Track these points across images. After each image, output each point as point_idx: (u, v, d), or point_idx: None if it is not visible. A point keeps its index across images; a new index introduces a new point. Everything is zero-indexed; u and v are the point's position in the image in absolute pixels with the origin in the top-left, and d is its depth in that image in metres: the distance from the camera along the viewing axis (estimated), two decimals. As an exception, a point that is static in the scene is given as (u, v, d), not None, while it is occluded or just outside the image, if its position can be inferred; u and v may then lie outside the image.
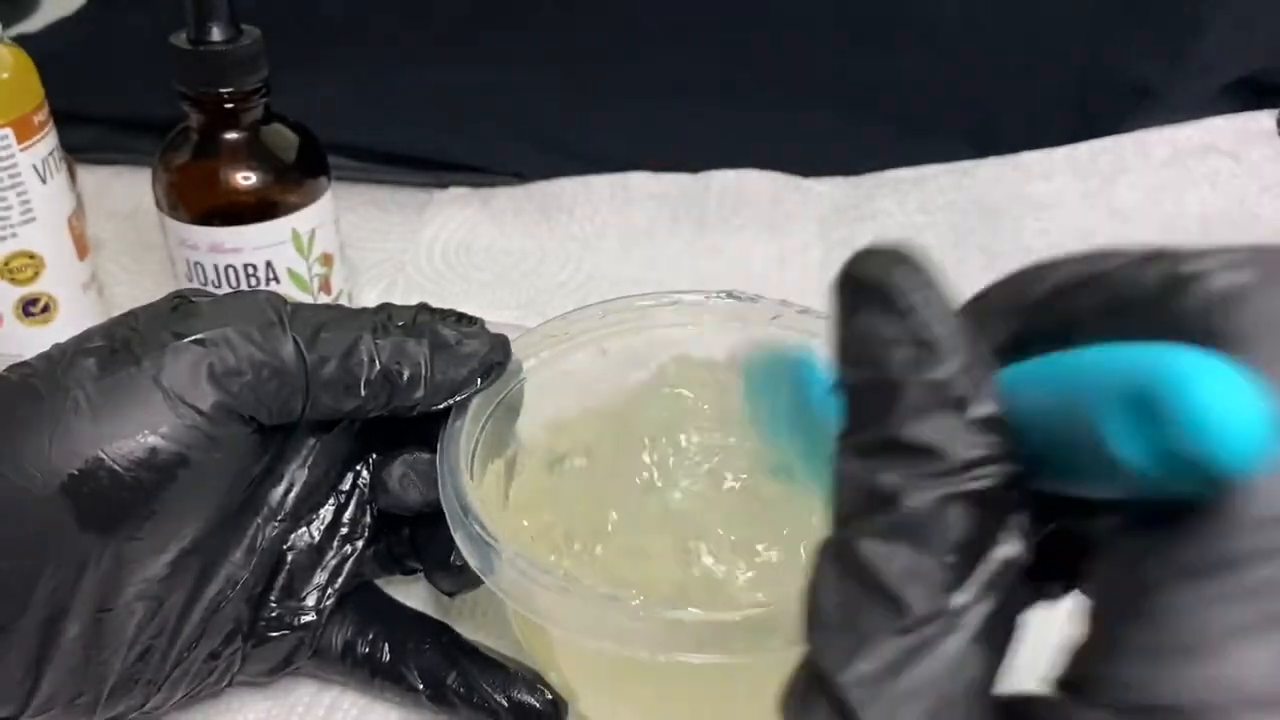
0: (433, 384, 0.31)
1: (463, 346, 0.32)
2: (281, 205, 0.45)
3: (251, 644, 0.33)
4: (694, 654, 0.27)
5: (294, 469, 0.33)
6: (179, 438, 0.28)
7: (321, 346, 0.30)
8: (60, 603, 0.28)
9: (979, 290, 0.21)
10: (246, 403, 0.29)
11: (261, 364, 0.29)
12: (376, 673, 0.34)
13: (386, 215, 0.63)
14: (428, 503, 0.33)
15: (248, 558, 0.32)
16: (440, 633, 0.35)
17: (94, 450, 0.28)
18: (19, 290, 0.44)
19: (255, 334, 0.29)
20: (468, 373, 0.32)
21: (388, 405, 0.31)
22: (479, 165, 0.65)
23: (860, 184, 0.64)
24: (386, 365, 0.31)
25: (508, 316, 0.53)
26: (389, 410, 0.31)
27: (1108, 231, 0.59)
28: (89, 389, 0.28)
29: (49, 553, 0.28)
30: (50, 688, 0.29)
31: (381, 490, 0.34)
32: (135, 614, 0.29)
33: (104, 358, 0.29)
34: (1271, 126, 0.65)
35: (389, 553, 0.36)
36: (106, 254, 0.59)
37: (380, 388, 0.31)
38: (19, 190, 0.43)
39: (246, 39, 0.43)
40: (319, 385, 0.30)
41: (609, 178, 0.64)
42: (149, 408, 0.28)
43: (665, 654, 0.27)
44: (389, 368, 0.31)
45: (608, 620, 0.27)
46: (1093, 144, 0.64)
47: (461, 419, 0.32)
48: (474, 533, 0.29)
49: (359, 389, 0.30)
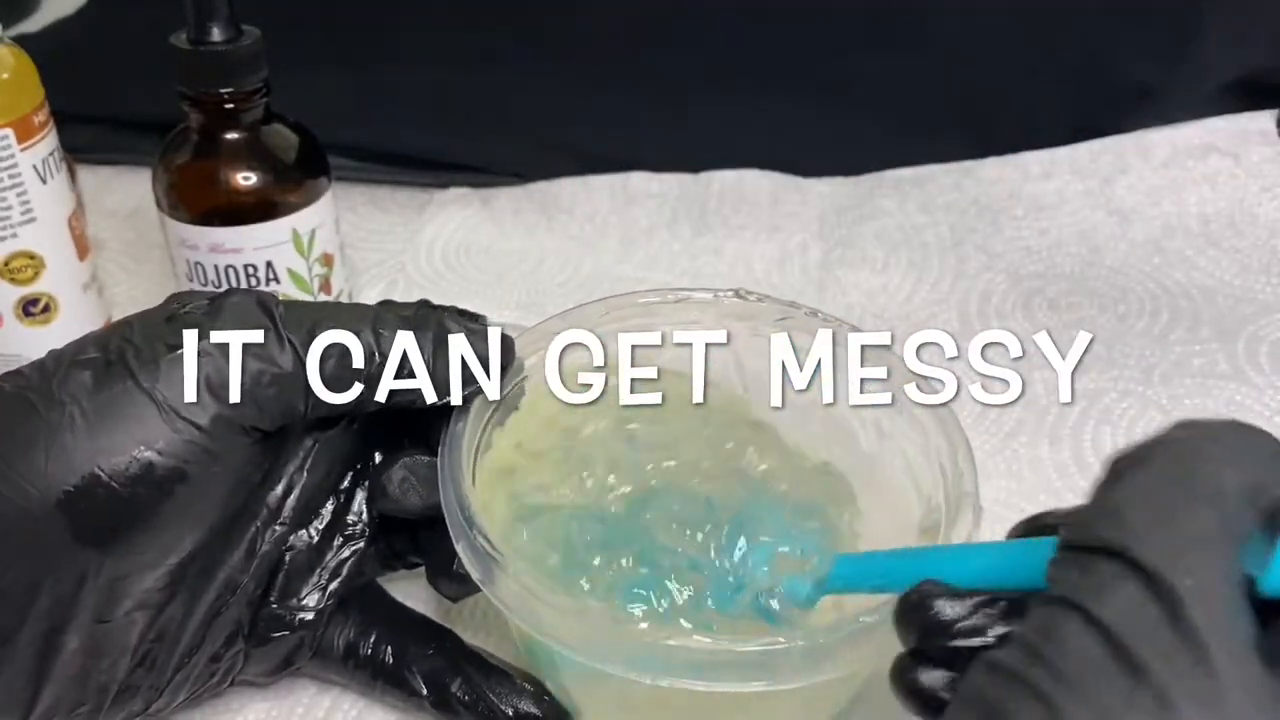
0: (435, 378, 0.31)
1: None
2: (281, 205, 0.45)
3: (252, 644, 0.33)
4: (699, 683, 0.27)
5: (293, 471, 0.33)
6: (176, 452, 0.28)
7: (318, 344, 0.30)
8: (59, 615, 0.28)
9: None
10: (247, 413, 0.29)
11: (259, 371, 0.29)
12: (378, 676, 0.34)
13: (386, 215, 0.63)
14: (428, 507, 0.32)
15: (247, 561, 0.32)
16: (444, 638, 0.34)
17: (90, 466, 0.27)
18: (19, 290, 0.44)
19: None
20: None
21: (389, 399, 0.31)
22: (479, 165, 0.65)
23: (860, 184, 0.64)
24: (388, 358, 0.30)
25: (507, 316, 0.53)
26: (390, 404, 0.31)
27: (1108, 231, 0.59)
28: (84, 404, 0.28)
29: (47, 567, 0.28)
30: (51, 697, 0.28)
31: (381, 494, 0.33)
32: (136, 624, 0.29)
33: (99, 370, 0.28)
34: (1271, 126, 0.65)
35: (390, 549, 0.35)
36: (106, 254, 0.59)
37: (381, 381, 0.30)
38: (19, 190, 0.43)
39: (246, 39, 0.43)
40: (319, 383, 0.30)
41: (609, 178, 0.64)
42: (144, 423, 0.28)
43: (669, 681, 0.27)
44: (390, 361, 0.30)
45: (612, 642, 0.27)
46: (1093, 144, 0.64)
47: (463, 421, 0.32)
48: (477, 545, 0.29)
49: (359, 383, 0.30)
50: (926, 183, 0.64)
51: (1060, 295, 0.55)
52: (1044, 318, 0.54)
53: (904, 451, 0.34)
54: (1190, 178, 0.62)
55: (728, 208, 0.63)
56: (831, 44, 0.73)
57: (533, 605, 0.28)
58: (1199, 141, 0.64)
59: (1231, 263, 0.57)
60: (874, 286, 0.57)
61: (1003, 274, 0.57)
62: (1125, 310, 0.54)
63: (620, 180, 0.64)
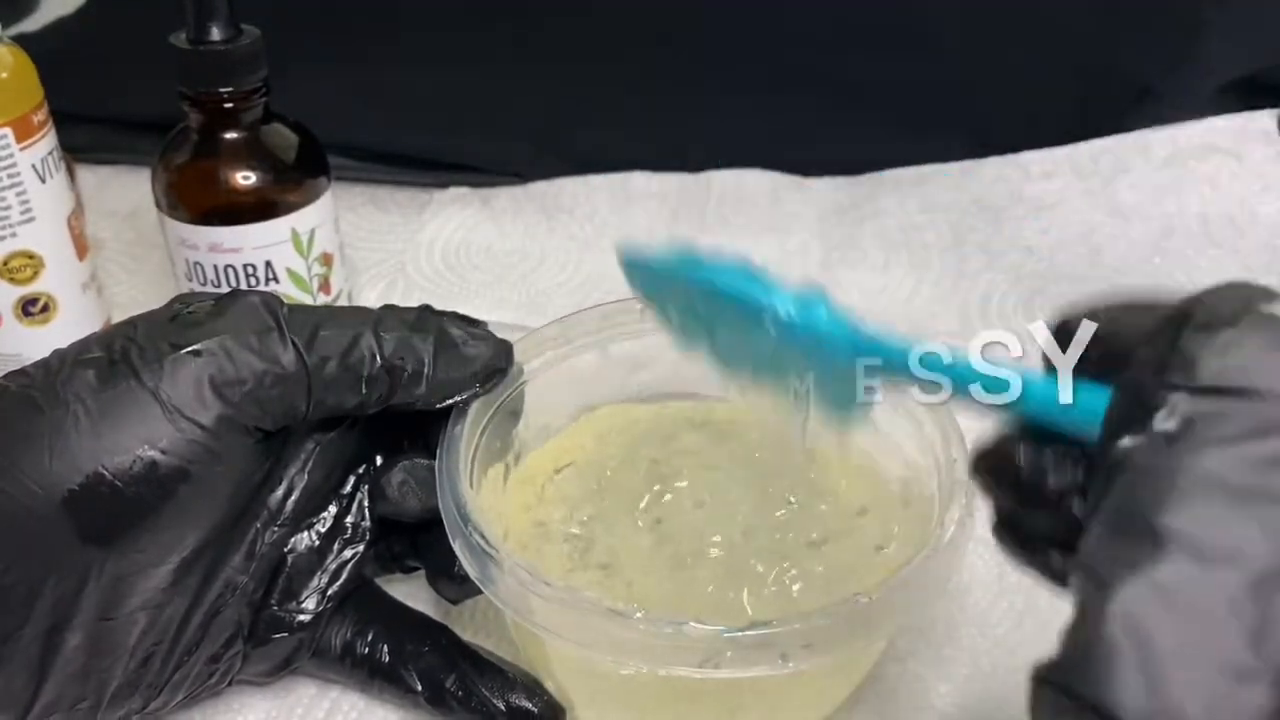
0: (434, 381, 0.31)
1: (467, 347, 0.32)
2: (281, 205, 0.45)
3: (251, 645, 0.33)
4: (695, 670, 0.27)
5: (294, 473, 0.33)
6: (179, 451, 0.28)
7: (321, 346, 0.30)
8: (62, 613, 0.28)
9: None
10: (249, 413, 0.29)
11: (263, 371, 0.29)
12: (375, 674, 0.34)
13: (386, 215, 0.63)
14: (427, 510, 0.32)
15: (247, 562, 0.32)
16: (440, 635, 0.34)
17: (94, 465, 0.27)
18: (19, 290, 0.44)
19: (254, 341, 0.29)
20: (470, 374, 0.32)
21: (389, 400, 0.31)
22: (479, 165, 0.65)
23: (860, 184, 0.64)
24: (389, 360, 0.30)
25: (507, 317, 0.53)
26: (389, 405, 0.31)
27: (1108, 231, 0.59)
28: (88, 403, 0.28)
29: (50, 565, 0.28)
30: (51, 694, 0.29)
31: (380, 498, 0.34)
32: (137, 623, 0.29)
33: (103, 369, 0.28)
34: (1271, 126, 0.65)
35: (389, 552, 0.36)
36: (106, 254, 0.59)
37: (382, 382, 0.30)
38: (19, 190, 0.43)
39: (246, 39, 0.43)
40: (321, 385, 0.30)
41: (609, 178, 0.64)
42: (148, 422, 0.28)
43: (666, 669, 0.27)
44: (391, 362, 0.30)
45: (609, 633, 0.27)
46: (1093, 144, 0.64)
47: (461, 424, 0.32)
48: (474, 542, 0.29)
49: (361, 385, 0.30)
50: (926, 183, 0.64)
51: (1060, 295, 0.55)
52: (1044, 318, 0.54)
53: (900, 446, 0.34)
54: (1191, 177, 0.62)
55: (728, 208, 0.63)
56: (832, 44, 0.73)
57: (529, 600, 0.28)
58: (1200, 141, 0.64)
59: (1232, 262, 0.57)
60: (874, 286, 0.57)
61: (1003, 274, 0.57)
62: (1125, 310, 0.54)
63: (620, 180, 0.64)
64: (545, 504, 0.35)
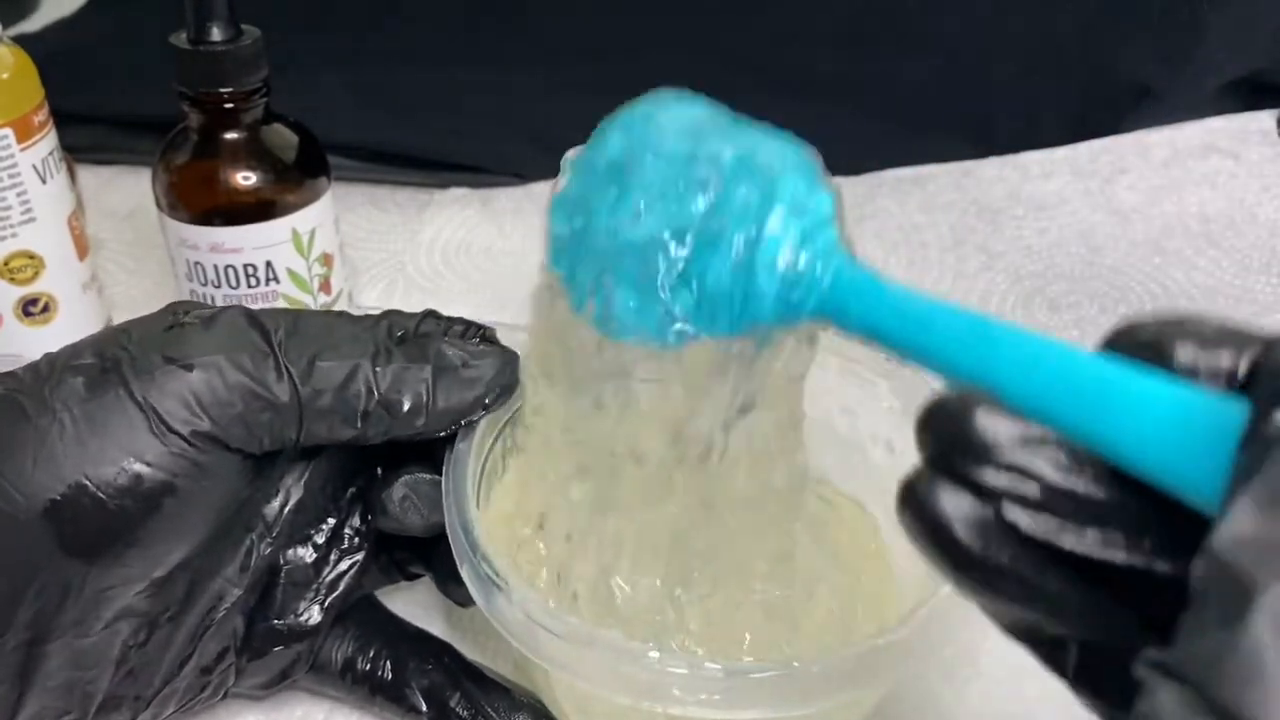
0: (435, 412, 0.30)
1: (468, 370, 0.31)
2: (281, 205, 0.45)
3: (247, 658, 0.32)
4: (710, 711, 0.26)
5: (291, 485, 0.32)
6: (165, 465, 0.27)
7: (317, 378, 0.29)
8: (43, 625, 0.27)
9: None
10: (236, 435, 0.28)
11: (253, 395, 0.28)
12: (377, 691, 0.33)
13: (386, 215, 0.63)
14: (430, 526, 0.32)
15: (241, 574, 0.31)
16: (443, 653, 0.34)
17: (77, 475, 0.27)
18: (19, 290, 0.44)
19: (247, 363, 0.28)
20: (473, 399, 0.31)
21: (387, 434, 0.30)
22: (479, 165, 0.65)
23: (860, 184, 0.64)
24: (385, 396, 0.29)
25: (507, 316, 0.53)
26: (388, 438, 0.30)
27: (1108, 231, 0.60)
28: (75, 411, 0.27)
29: (31, 576, 0.27)
30: (35, 707, 0.28)
31: (382, 513, 0.32)
32: (121, 634, 0.29)
33: (93, 377, 0.28)
34: (1271, 126, 0.65)
35: (391, 560, 0.35)
36: (106, 254, 0.59)
37: (379, 418, 0.30)
38: (19, 190, 0.43)
39: (246, 39, 0.43)
40: (313, 417, 0.29)
41: (609, 178, 0.64)
42: (135, 434, 0.27)
43: (681, 710, 0.26)
44: (388, 398, 0.29)
45: (619, 672, 0.26)
46: (1093, 144, 0.64)
47: (468, 440, 0.31)
48: (481, 571, 0.28)
49: (355, 420, 0.29)
50: (926, 183, 0.64)
51: (1060, 295, 0.55)
52: (1044, 318, 0.54)
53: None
54: (1190, 178, 0.62)
55: (728, 208, 0.63)
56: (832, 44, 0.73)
57: (536, 633, 0.27)
58: (1199, 141, 0.64)
59: (1232, 263, 0.57)
60: (874, 286, 0.57)
61: (1003, 274, 0.57)
62: (1125, 310, 0.54)
63: (620, 180, 0.64)
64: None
